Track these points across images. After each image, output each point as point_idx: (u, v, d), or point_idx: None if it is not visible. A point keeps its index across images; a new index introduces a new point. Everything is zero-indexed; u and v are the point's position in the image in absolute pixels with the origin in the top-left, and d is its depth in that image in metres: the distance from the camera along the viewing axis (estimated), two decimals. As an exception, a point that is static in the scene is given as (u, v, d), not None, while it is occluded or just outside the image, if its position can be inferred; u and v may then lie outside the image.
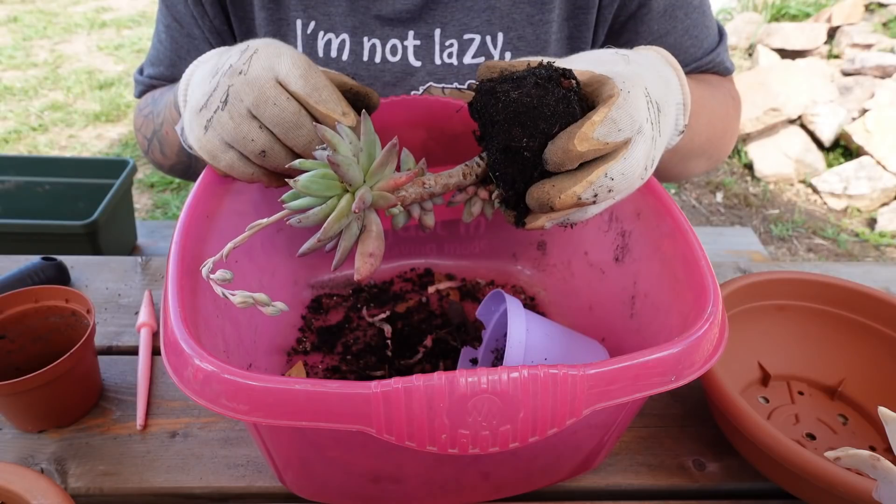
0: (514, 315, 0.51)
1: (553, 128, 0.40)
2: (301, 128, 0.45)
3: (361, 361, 0.62)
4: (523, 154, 0.41)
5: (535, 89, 0.40)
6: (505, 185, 0.43)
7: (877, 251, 2.26)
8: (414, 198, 0.44)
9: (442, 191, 0.45)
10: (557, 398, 0.36)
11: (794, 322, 0.65)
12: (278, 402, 0.35)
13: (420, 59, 0.67)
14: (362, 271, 0.42)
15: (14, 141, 2.69)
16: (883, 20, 3.18)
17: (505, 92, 0.41)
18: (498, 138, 0.41)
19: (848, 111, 2.68)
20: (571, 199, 0.40)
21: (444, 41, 0.67)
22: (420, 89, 0.69)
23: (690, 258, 0.47)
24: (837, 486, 0.45)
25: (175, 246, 0.44)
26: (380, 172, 0.43)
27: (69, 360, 0.53)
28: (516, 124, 0.40)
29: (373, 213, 0.44)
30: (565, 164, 0.39)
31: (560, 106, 0.40)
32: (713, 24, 0.74)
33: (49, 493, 0.43)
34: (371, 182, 0.43)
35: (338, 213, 0.41)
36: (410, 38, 0.66)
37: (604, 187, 0.40)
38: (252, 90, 0.45)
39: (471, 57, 0.68)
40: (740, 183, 2.60)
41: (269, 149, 0.46)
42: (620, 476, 0.55)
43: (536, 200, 0.41)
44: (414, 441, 0.36)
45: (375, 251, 0.43)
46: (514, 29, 0.67)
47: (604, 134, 0.38)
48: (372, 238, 0.43)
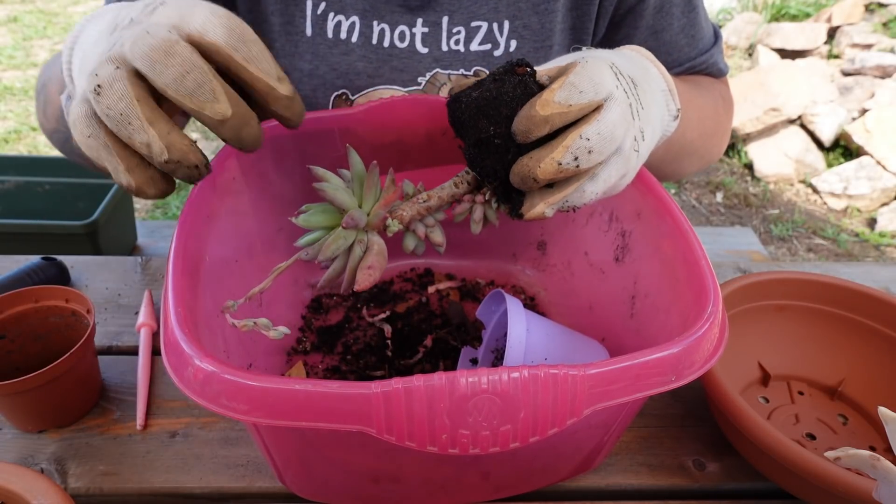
0: (514, 315, 0.51)
1: (515, 110, 0.41)
2: (172, 56, 0.35)
3: (361, 361, 0.62)
4: (494, 142, 0.42)
5: (494, 84, 0.42)
6: (488, 179, 0.45)
7: (877, 251, 2.26)
8: (412, 215, 0.46)
9: (438, 203, 0.47)
10: (558, 398, 0.36)
11: (795, 322, 0.65)
12: (278, 403, 0.35)
13: (427, 45, 0.68)
14: (360, 282, 0.44)
15: (14, 141, 2.69)
16: (883, 20, 3.18)
17: (467, 94, 0.43)
18: (469, 136, 0.43)
19: (848, 111, 2.68)
20: (551, 165, 0.40)
21: (452, 28, 0.67)
22: (426, 75, 0.69)
23: (691, 258, 0.47)
24: (837, 486, 0.45)
25: (175, 246, 0.44)
26: (371, 195, 0.47)
27: (69, 360, 0.53)
28: (481, 117, 0.42)
29: (374, 235, 0.46)
30: (532, 130, 0.40)
31: (518, 90, 0.42)
32: (709, 25, 0.75)
33: (49, 493, 0.43)
34: (366, 207, 0.46)
35: (335, 235, 0.44)
36: (419, 25, 0.67)
37: (582, 149, 0.40)
38: (136, 36, 0.36)
39: (477, 44, 0.68)
40: (740, 183, 2.60)
41: (110, 79, 0.36)
42: (620, 476, 0.55)
43: (518, 176, 0.41)
44: (414, 441, 0.36)
45: (375, 264, 0.45)
46: (519, 17, 0.67)
47: (565, 97, 0.39)
48: (373, 254, 0.45)
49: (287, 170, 0.63)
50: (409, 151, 0.64)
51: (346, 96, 0.69)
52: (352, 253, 0.45)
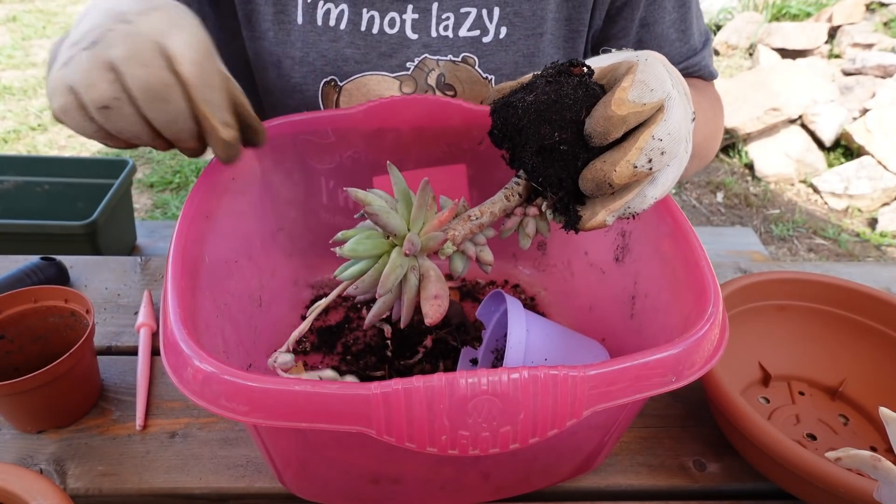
0: (514, 315, 0.51)
1: (580, 113, 0.39)
2: (168, 102, 0.41)
3: (361, 362, 0.62)
4: (559, 149, 0.40)
5: (549, 86, 0.40)
6: (552, 188, 0.42)
7: (878, 251, 2.26)
8: (465, 234, 0.43)
9: (490, 220, 0.44)
10: (558, 399, 0.36)
11: (795, 322, 0.65)
12: (278, 403, 0.35)
13: (417, 31, 0.68)
14: (431, 315, 0.41)
15: (13, 141, 2.69)
16: (884, 20, 3.18)
17: (520, 99, 0.40)
18: (529, 143, 0.41)
19: (849, 111, 2.68)
20: (627, 169, 0.38)
21: (441, 14, 0.67)
22: (415, 60, 0.69)
23: (691, 258, 0.47)
24: (838, 486, 0.45)
25: (174, 246, 0.44)
26: (421, 216, 0.43)
27: (68, 361, 0.53)
28: (543, 122, 0.39)
29: (427, 261, 0.43)
30: (610, 131, 0.38)
31: (579, 91, 0.39)
32: (701, 25, 0.75)
33: (48, 493, 0.43)
34: (416, 229, 0.42)
35: (391, 264, 0.41)
36: (409, 11, 0.67)
37: (655, 150, 0.39)
38: (127, 43, 0.40)
39: (466, 30, 0.68)
40: (741, 183, 2.60)
41: (114, 106, 0.41)
42: (620, 476, 0.55)
43: (593, 182, 0.40)
44: (414, 442, 0.36)
45: (440, 293, 0.41)
46: (510, 4, 0.67)
47: (637, 95, 0.38)
48: (433, 282, 0.42)
49: (286, 170, 0.63)
50: (408, 151, 0.64)
51: (335, 83, 0.69)
52: (407, 282, 0.41)
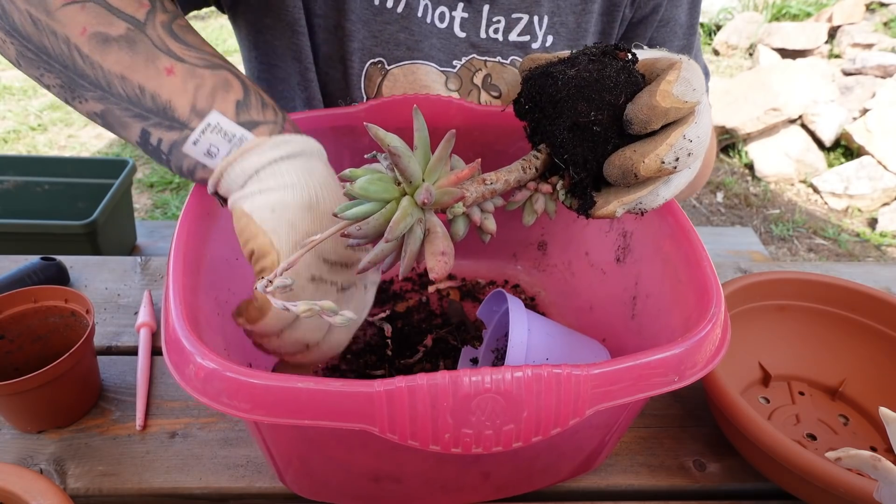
0: (515, 315, 0.51)
1: (619, 98, 0.39)
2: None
3: (361, 360, 0.62)
4: (593, 129, 0.39)
5: (592, 64, 0.39)
6: (576, 167, 0.41)
7: (878, 251, 2.26)
8: (476, 197, 0.41)
9: (503, 188, 0.42)
10: (561, 398, 0.36)
11: (795, 322, 0.65)
12: (280, 401, 0.35)
13: (465, 30, 0.68)
14: (437, 270, 0.38)
15: (13, 141, 2.69)
16: (884, 20, 3.18)
17: (561, 71, 0.39)
18: (563, 117, 0.40)
19: (849, 111, 2.68)
20: (655, 163, 0.38)
21: (492, 17, 0.67)
22: (462, 59, 0.69)
23: (693, 258, 0.47)
24: (838, 486, 0.45)
25: (176, 243, 0.44)
26: (438, 168, 0.40)
27: (68, 361, 0.53)
28: (581, 99, 0.39)
29: (434, 217, 0.40)
30: (651, 121, 0.38)
31: (622, 76, 0.39)
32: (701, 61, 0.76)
33: (48, 493, 0.43)
34: (430, 180, 0.39)
35: (402, 211, 0.37)
36: (459, 9, 0.67)
37: (684, 150, 0.39)
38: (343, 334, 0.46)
39: (516, 35, 0.68)
40: (741, 183, 2.60)
41: None
42: (621, 476, 0.55)
43: (619, 169, 0.40)
44: (417, 440, 0.36)
45: (447, 250, 0.39)
46: (558, 14, 0.68)
47: (682, 92, 0.38)
48: (440, 238, 0.39)
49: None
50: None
51: (383, 65, 0.68)
52: (412, 234, 0.39)
